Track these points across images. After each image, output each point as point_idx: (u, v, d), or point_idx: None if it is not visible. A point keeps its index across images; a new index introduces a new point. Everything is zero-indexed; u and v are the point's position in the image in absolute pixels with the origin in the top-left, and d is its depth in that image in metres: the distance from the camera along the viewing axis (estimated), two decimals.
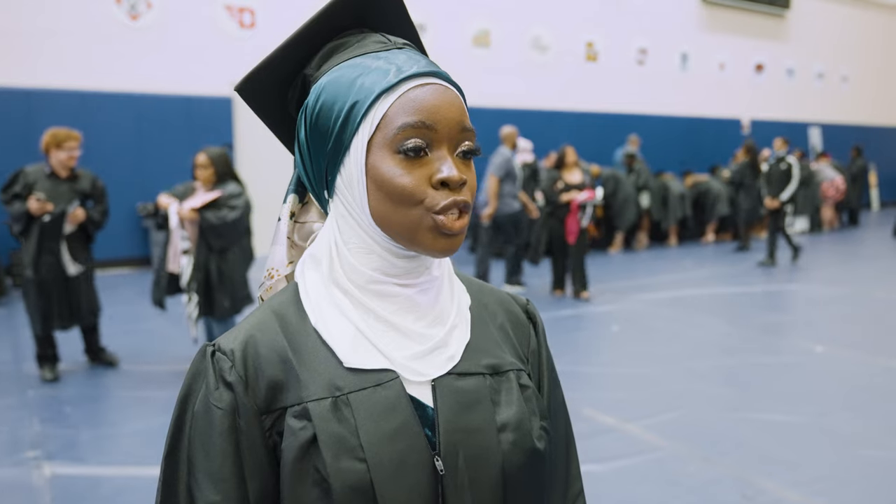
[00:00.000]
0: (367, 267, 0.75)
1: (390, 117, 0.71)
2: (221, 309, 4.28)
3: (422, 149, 0.71)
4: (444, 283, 0.80)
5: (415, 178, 0.71)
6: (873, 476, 3.12)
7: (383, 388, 0.72)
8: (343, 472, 0.68)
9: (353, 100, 0.72)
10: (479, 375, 0.77)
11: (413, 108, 0.71)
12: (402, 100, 0.71)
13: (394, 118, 0.71)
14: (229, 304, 4.30)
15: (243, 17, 9.32)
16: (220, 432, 0.72)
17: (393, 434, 0.71)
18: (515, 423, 0.76)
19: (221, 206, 4.26)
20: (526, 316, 0.89)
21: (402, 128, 0.70)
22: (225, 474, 0.71)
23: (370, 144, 0.72)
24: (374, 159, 0.72)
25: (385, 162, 0.71)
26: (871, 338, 5.45)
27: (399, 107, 0.71)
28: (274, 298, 0.80)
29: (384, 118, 0.71)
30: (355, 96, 0.72)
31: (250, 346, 0.74)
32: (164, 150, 8.81)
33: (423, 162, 0.71)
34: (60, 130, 4.34)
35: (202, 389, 0.74)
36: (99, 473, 3.15)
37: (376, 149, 0.72)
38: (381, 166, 0.71)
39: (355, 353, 0.73)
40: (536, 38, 11.93)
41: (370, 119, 0.72)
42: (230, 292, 4.30)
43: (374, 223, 0.73)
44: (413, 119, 0.70)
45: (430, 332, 0.76)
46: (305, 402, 0.71)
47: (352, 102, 0.72)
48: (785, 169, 8.79)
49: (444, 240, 0.72)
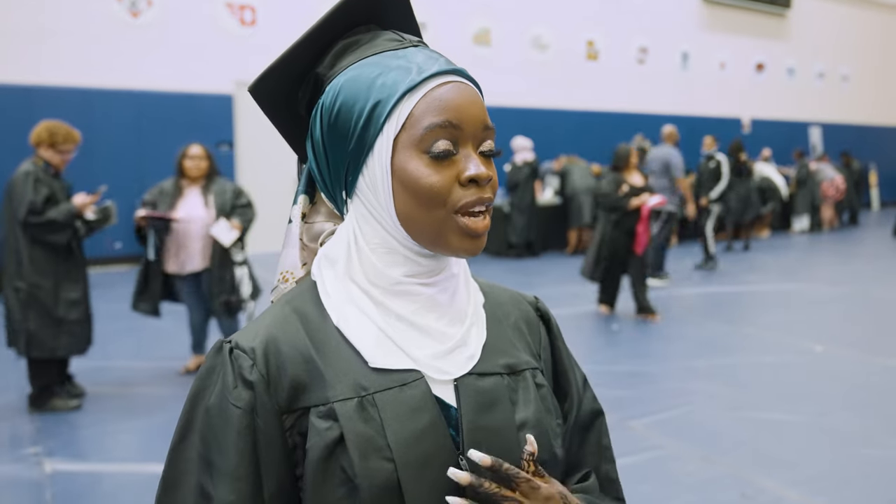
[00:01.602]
0: (390, 267, 0.74)
1: (416, 117, 0.71)
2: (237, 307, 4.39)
3: (450, 152, 0.71)
4: (461, 281, 0.80)
5: (443, 178, 0.71)
6: (872, 475, 3.12)
7: (409, 387, 0.72)
8: (371, 472, 0.68)
9: (376, 99, 0.71)
10: (498, 375, 0.77)
11: (439, 108, 0.71)
12: (426, 99, 0.71)
13: (420, 118, 0.70)
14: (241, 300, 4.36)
15: (244, 15, 9.32)
16: (238, 431, 0.71)
17: (420, 434, 0.71)
18: (534, 421, 0.77)
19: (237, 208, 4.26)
20: (537, 314, 0.89)
21: (430, 128, 0.70)
22: (241, 473, 0.70)
23: (395, 144, 0.71)
24: (401, 159, 0.71)
25: (412, 162, 0.71)
26: (871, 337, 5.46)
27: (424, 106, 0.71)
28: (291, 296, 0.79)
29: (409, 118, 0.71)
30: (377, 95, 0.71)
31: (271, 344, 0.73)
32: (164, 147, 8.78)
33: (451, 162, 0.71)
34: (61, 128, 3.90)
35: (217, 386, 0.73)
36: (99, 470, 3.16)
37: (402, 149, 0.71)
38: (407, 167, 0.71)
39: (380, 353, 0.73)
40: (537, 37, 11.93)
41: (395, 119, 0.71)
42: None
43: (399, 224, 0.73)
44: (440, 119, 0.70)
45: (450, 330, 0.76)
46: (331, 402, 0.71)
47: (374, 102, 0.71)
48: (714, 167, 8.72)
49: (470, 241, 0.72)
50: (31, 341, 3.77)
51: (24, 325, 3.76)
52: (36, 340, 3.78)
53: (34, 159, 3.87)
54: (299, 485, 0.72)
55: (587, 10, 12.37)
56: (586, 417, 0.89)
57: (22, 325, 3.77)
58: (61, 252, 3.86)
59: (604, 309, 6.16)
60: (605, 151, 11.77)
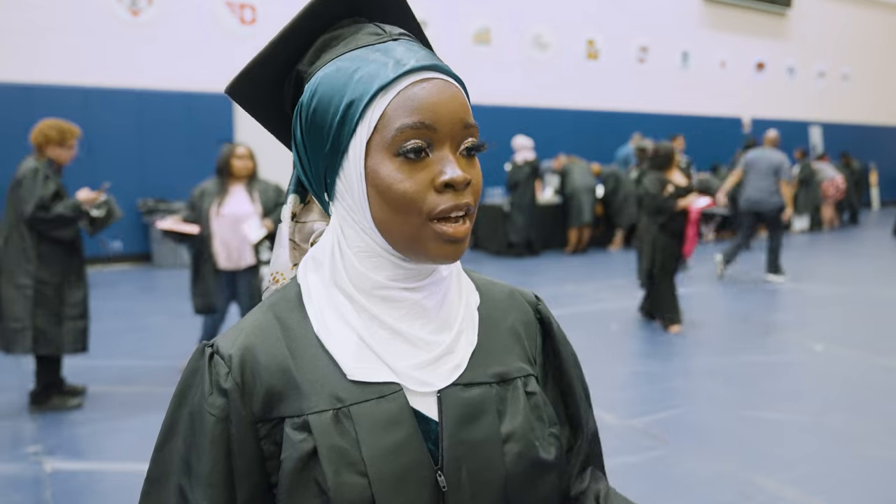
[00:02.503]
0: (373, 271, 0.72)
1: (389, 117, 0.67)
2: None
3: (422, 150, 0.67)
4: (453, 283, 0.77)
5: (416, 182, 0.67)
6: (871, 475, 3.12)
7: (386, 400, 0.70)
8: (344, 487, 0.66)
9: (350, 98, 0.68)
10: (486, 385, 0.74)
11: (412, 108, 0.67)
12: (400, 98, 0.67)
13: (392, 119, 0.67)
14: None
15: (244, 14, 9.31)
16: (212, 440, 0.70)
17: (395, 448, 0.68)
18: (520, 433, 0.73)
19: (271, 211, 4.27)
20: (537, 317, 0.85)
21: (401, 129, 0.66)
22: (214, 480, 0.69)
23: (369, 147, 0.68)
24: (374, 163, 0.68)
25: (384, 166, 0.67)
26: (871, 337, 5.45)
27: (397, 106, 0.67)
28: (274, 300, 0.77)
29: (382, 118, 0.67)
30: (351, 94, 0.68)
31: (248, 352, 0.71)
32: (164, 145, 8.82)
33: (424, 164, 0.67)
34: (65, 125, 3.92)
35: (198, 391, 0.72)
36: (99, 469, 3.16)
37: (375, 152, 0.68)
38: (380, 171, 0.67)
39: (358, 365, 0.70)
40: (537, 36, 11.92)
41: (368, 119, 0.68)
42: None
43: (377, 230, 0.70)
44: (412, 120, 0.66)
45: (436, 338, 0.73)
46: (306, 413, 0.69)
47: (348, 101, 0.68)
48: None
49: (450, 246, 0.69)
50: (39, 338, 3.78)
51: (31, 322, 3.76)
52: (44, 338, 3.79)
53: (37, 157, 3.86)
54: (274, 492, 0.71)
55: (588, 9, 12.37)
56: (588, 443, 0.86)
57: (29, 323, 3.76)
58: (67, 250, 3.87)
59: (675, 328, 5.51)
60: (605, 150, 11.80)
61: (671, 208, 5.32)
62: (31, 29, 8.03)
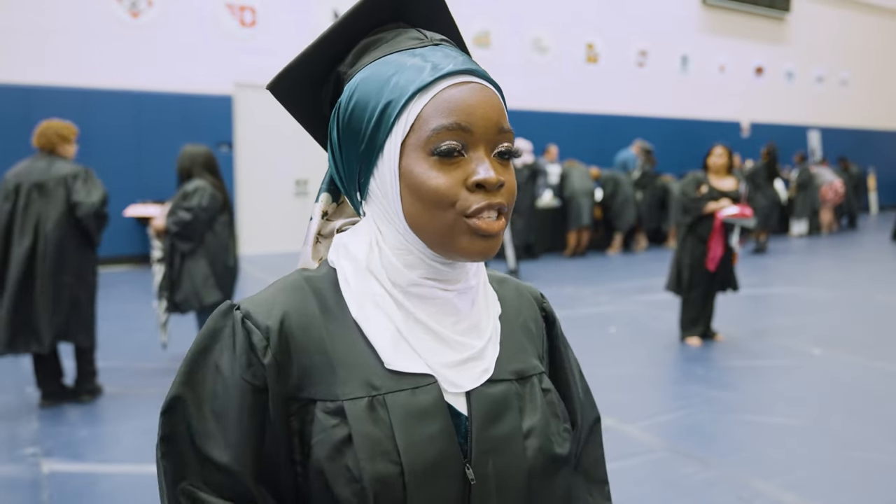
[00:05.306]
0: (409, 269, 0.73)
1: (424, 118, 0.68)
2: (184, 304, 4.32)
3: (456, 150, 0.68)
4: (480, 293, 0.79)
5: (449, 179, 0.68)
6: (870, 479, 3.12)
7: (421, 391, 0.71)
8: (377, 475, 0.67)
9: (387, 99, 0.69)
10: (508, 382, 0.76)
11: (448, 109, 0.68)
12: (436, 100, 0.68)
13: (428, 119, 0.68)
14: (187, 297, 4.30)
15: (244, 16, 9.32)
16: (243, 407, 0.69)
17: (429, 440, 0.69)
18: (539, 429, 0.76)
19: (176, 209, 4.27)
20: (542, 314, 0.88)
21: (437, 130, 0.68)
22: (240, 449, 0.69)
23: (403, 147, 0.69)
24: (408, 162, 0.69)
25: (418, 165, 0.69)
26: (870, 341, 5.46)
27: (434, 107, 0.68)
28: (310, 274, 0.77)
29: (418, 119, 0.69)
30: (389, 95, 0.69)
31: (286, 326, 0.71)
32: (163, 147, 8.80)
33: (459, 164, 0.69)
34: (69, 124, 3.98)
35: (223, 355, 0.71)
36: (97, 470, 3.15)
37: (410, 151, 0.69)
38: (414, 169, 0.69)
39: (396, 355, 0.71)
40: (537, 40, 11.94)
41: (404, 120, 0.69)
42: (190, 287, 4.29)
43: (409, 228, 0.71)
44: (448, 121, 0.68)
45: (467, 340, 0.75)
46: (341, 399, 0.69)
47: (385, 102, 0.69)
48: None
49: (481, 241, 0.69)
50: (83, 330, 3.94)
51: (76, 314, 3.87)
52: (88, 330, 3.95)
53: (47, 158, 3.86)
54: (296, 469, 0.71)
55: (587, 13, 12.39)
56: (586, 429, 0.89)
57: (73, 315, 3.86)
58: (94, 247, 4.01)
59: (691, 341, 5.24)
60: (604, 154, 11.81)
61: (699, 210, 5.05)
62: (30, 30, 8.04)
